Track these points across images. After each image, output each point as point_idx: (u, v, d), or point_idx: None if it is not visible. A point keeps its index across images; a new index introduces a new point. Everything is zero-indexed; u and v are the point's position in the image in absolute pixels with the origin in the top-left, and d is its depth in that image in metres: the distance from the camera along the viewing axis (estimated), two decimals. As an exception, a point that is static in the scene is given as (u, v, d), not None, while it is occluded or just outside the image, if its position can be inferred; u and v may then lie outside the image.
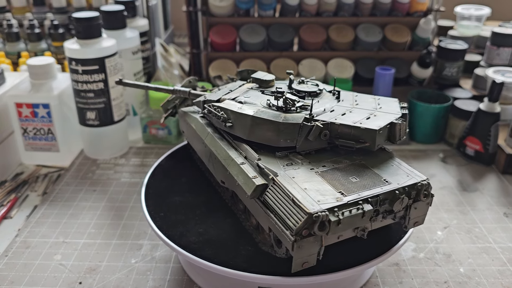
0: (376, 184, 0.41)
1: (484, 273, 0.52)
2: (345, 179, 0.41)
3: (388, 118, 0.44)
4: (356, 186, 0.40)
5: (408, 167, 0.44)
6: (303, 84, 0.51)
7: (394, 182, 0.41)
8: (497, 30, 0.86)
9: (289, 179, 0.40)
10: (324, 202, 0.37)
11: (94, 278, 0.50)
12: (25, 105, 0.69)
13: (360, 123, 0.43)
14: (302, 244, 0.37)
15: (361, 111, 0.46)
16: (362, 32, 0.88)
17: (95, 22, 0.68)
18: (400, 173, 0.42)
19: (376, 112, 0.46)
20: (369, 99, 0.50)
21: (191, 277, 0.51)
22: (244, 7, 0.86)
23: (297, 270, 0.39)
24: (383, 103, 0.48)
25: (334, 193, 0.39)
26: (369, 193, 0.39)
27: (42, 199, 0.65)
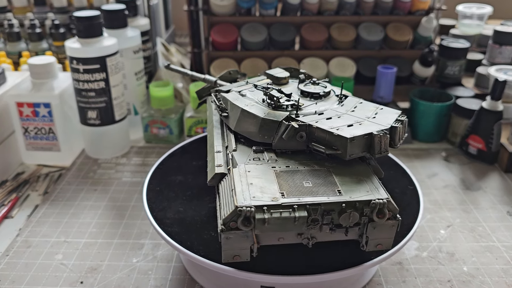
0: (326, 193, 0.38)
1: (488, 272, 0.51)
2: (298, 182, 0.40)
3: (370, 129, 0.41)
4: (303, 191, 0.38)
5: (378, 184, 0.40)
6: (311, 85, 0.50)
7: (346, 195, 0.38)
8: (499, 28, 0.86)
9: (243, 172, 0.41)
10: (258, 199, 0.37)
11: (95, 277, 0.50)
12: (26, 104, 0.69)
13: (336, 129, 0.41)
14: (230, 235, 0.37)
15: (350, 118, 0.44)
16: (364, 31, 0.88)
17: (96, 21, 0.67)
18: (361, 188, 0.39)
19: (365, 121, 0.43)
20: (370, 107, 0.46)
21: (193, 276, 0.50)
22: (246, 6, 0.86)
23: (227, 261, 0.39)
24: (381, 113, 0.44)
25: (275, 193, 0.38)
26: (311, 200, 0.37)
27: (43, 199, 0.64)
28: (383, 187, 0.40)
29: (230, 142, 0.46)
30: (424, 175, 0.70)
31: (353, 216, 0.37)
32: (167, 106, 0.78)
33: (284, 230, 0.37)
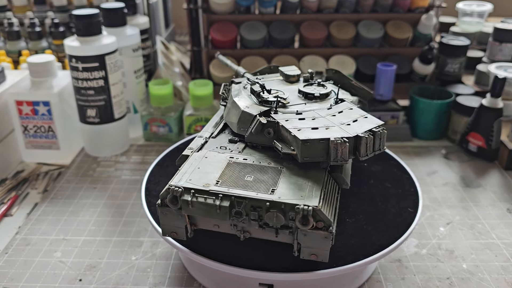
0: (259, 189, 0.38)
1: (487, 269, 0.51)
2: (241, 175, 0.40)
3: (330, 134, 0.40)
4: (239, 184, 0.39)
5: (319, 193, 0.38)
6: (310, 86, 0.49)
7: (276, 195, 0.37)
8: (499, 26, 0.85)
9: (200, 157, 0.43)
10: (192, 183, 0.38)
11: (94, 275, 0.50)
12: (25, 102, 0.69)
13: (297, 130, 0.40)
14: (165, 211, 0.39)
15: (324, 121, 0.42)
16: (364, 29, 0.88)
17: (95, 19, 0.67)
18: (298, 192, 0.38)
19: (335, 127, 0.41)
20: (355, 114, 0.44)
21: (191, 273, 0.50)
22: (245, 4, 0.86)
23: (165, 235, 0.41)
24: (360, 121, 0.42)
25: (211, 180, 0.39)
26: (238, 193, 0.37)
27: (42, 197, 0.64)
28: (324, 197, 0.38)
29: (216, 130, 0.48)
30: (424, 172, 0.70)
31: (278, 218, 0.37)
32: (167, 104, 0.78)
33: (208, 216, 0.38)
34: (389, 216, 0.48)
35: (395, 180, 0.56)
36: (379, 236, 0.46)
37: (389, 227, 0.47)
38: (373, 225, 0.47)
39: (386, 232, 0.46)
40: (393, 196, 0.52)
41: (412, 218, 0.48)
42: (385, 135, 0.41)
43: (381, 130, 0.41)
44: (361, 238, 0.45)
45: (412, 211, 0.49)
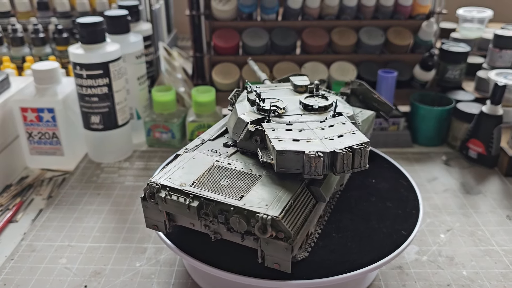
0: (229, 194, 0.39)
1: (487, 276, 0.52)
2: (218, 179, 0.42)
3: (308, 147, 0.39)
4: (212, 186, 0.40)
5: (285, 203, 0.38)
6: (312, 98, 0.48)
7: (243, 201, 0.38)
8: (499, 32, 0.86)
9: (188, 158, 0.45)
10: (170, 181, 0.41)
11: (99, 281, 0.51)
12: (30, 109, 0.70)
13: (279, 140, 0.40)
14: (146, 205, 0.42)
15: (311, 134, 0.42)
16: (365, 35, 0.89)
17: (99, 27, 0.68)
18: (266, 201, 0.38)
19: (317, 140, 0.41)
20: (344, 129, 0.43)
21: (195, 280, 0.51)
22: (247, 11, 0.87)
23: (149, 227, 0.44)
24: (345, 137, 0.41)
25: (189, 181, 0.41)
26: (208, 195, 0.39)
27: (47, 203, 0.65)
28: (291, 209, 0.38)
29: (216, 134, 0.50)
30: (424, 179, 0.71)
31: (240, 223, 0.38)
32: (169, 111, 0.79)
33: (180, 214, 0.41)
34: (376, 237, 0.48)
35: (395, 186, 0.56)
36: (380, 243, 0.46)
37: (389, 234, 0.48)
38: (357, 243, 0.47)
39: (387, 239, 0.47)
40: (390, 216, 0.51)
41: (412, 225, 0.49)
42: (366, 153, 0.40)
43: (362, 148, 0.39)
44: (361, 245, 0.46)
45: (405, 234, 0.48)
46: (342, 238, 0.48)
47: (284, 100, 0.49)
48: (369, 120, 0.56)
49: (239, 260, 0.44)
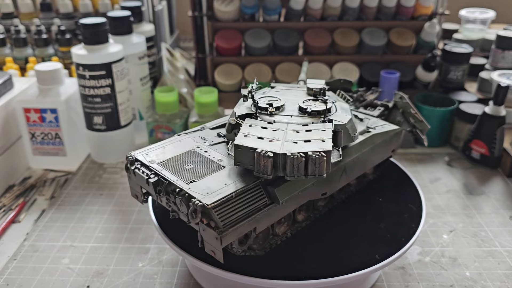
0: (183, 177, 0.41)
1: (490, 277, 0.52)
2: (186, 162, 0.43)
3: (262, 146, 0.39)
4: (175, 168, 0.43)
5: (223, 195, 0.39)
6: (312, 101, 0.47)
7: (189, 185, 0.40)
8: (502, 33, 0.86)
9: (176, 140, 0.48)
10: (144, 157, 0.45)
11: (101, 281, 0.51)
12: (33, 110, 0.70)
13: (244, 135, 0.41)
14: (128, 175, 0.45)
15: (282, 135, 0.41)
16: (367, 36, 0.89)
17: (102, 28, 0.68)
18: (209, 188, 0.39)
19: (281, 141, 0.40)
20: (317, 135, 0.41)
21: (197, 280, 0.51)
22: (249, 12, 0.87)
23: (132, 196, 0.47)
24: (313, 143, 0.40)
25: (160, 159, 0.44)
26: (165, 175, 0.41)
27: (50, 203, 0.65)
28: (230, 201, 0.39)
29: (218, 124, 0.52)
30: (427, 179, 0.71)
31: (182, 205, 0.39)
32: (172, 111, 0.79)
33: (144, 187, 0.44)
34: (378, 237, 0.47)
35: (397, 187, 0.56)
36: (382, 244, 0.46)
37: (392, 235, 0.48)
38: (360, 243, 0.47)
39: (389, 239, 0.47)
40: (393, 216, 0.51)
41: (415, 226, 0.49)
42: (323, 161, 0.38)
43: (318, 156, 0.37)
44: (364, 245, 0.46)
45: (408, 234, 0.47)
46: (345, 238, 0.48)
47: (290, 102, 0.48)
48: (388, 135, 0.53)
49: (241, 260, 0.44)
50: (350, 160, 0.47)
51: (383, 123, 0.54)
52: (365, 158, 0.50)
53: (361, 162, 0.50)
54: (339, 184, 0.48)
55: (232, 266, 0.43)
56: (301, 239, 0.47)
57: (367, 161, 0.51)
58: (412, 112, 0.56)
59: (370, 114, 0.57)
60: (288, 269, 0.43)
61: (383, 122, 0.55)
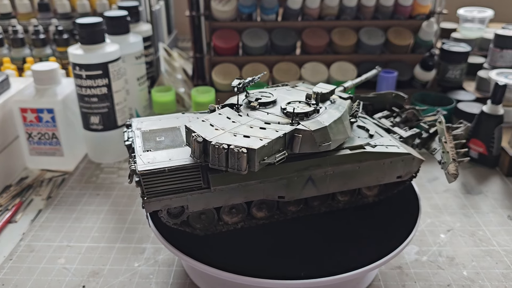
0: (145, 146, 0.44)
1: (488, 276, 0.51)
2: (161, 135, 0.46)
3: (202, 131, 0.40)
4: (148, 138, 0.46)
5: (161, 168, 0.41)
6: (295, 103, 0.46)
7: (143, 154, 0.43)
8: (500, 32, 0.86)
9: (177, 116, 0.51)
10: (137, 124, 0.49)
11: (97, 281, 0.51)
12: (29, 110, 0.70)
13: (202, 120, 0.42)
14: None
15: (236, 128, 0.41)
16: (365, 36, 0.89)
17: (98, 28, 0.68)
18: (155, 159, 0.42)
19: (227, 133, 0.41)
20: (263, 134, 0.41)
21: (193, 280, 0.51)
22: (247, 11, 0.87)
23: None
24: (251, 139, 0.40)
25: (146, 128, 0.48)
26: (136, 141, 0.45)
27: (46, 203, 0.65)
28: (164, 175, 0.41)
29: None
30: (425, 179, 0.71)
31: (131, 169, 0.42)
32: (169, 111, 0.79)
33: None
34: (375, 236, 0.47)
35: (398, 200, 0.53)
36: (379, 243, 0.46)
37: (392, 233, 0.47)
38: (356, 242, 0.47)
39: (386, 238, 0.47)
40: (390, 216, 0.50)
41: (412, 225, 0.49)
42: (242, 157, 0.38)
43: (238, 151, 0.37)
44: (361, 245, 0.46)
45: (405, 234, 0.47)
46: (341, 238, 0.47)
47: (286, 100, 0.46)
48: (387, 158, 0.47)
49: (237, 260, 0.44)
50: (319, 171, 0.44)
51: (393, 144, 0.48)
52: (348, 174, 0.46)
53: (342, 178, 0.46)
54: (304, 192, 0.45)
55: (229, 265, 0.43)
56: (298, 239, 0.47)
57: (352, 179, 0.46)
58: (442, 141, 0.50)
59: (398, 133, 0.52)
60: (284, 269, 0.43)
61: (395, 142, 0.48)
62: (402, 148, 0.48)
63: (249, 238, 0.47)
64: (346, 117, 0.46)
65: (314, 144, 0.42)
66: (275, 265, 0.44)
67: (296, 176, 0.43)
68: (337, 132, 0.44)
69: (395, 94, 0.58)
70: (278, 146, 0.40)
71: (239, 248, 0.46)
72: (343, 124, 0.45)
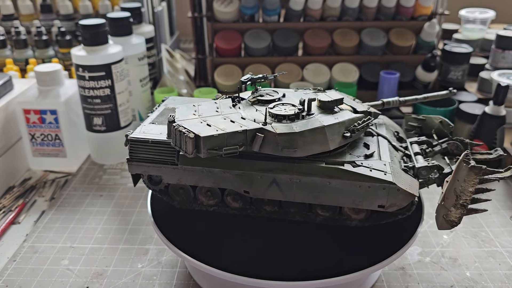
0: (157, 120, 0.49)
1: (490, 277, 0.51)
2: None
3: (180, 116, 0.43)
4: (166, 114, 0.50)
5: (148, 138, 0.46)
6: (282, 106, 0.45)
7: (148, 126, 0.48)
8: (502, 33, 0.86)
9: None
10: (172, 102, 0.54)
11: (101, 283, 0.51)
12: (32, 111, 0.70)
13: (187, 107, 0.46)
14: None
15: (214, 117, 0.44)
16: (367, 37, 0.89)
17: (101, 29, 0.68)
18: (154, 133, 0.46)
19: (198, 120, 0.43)
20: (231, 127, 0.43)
21: (197, 281, 0.51)
22: (249, 12, 0.87)
23: None
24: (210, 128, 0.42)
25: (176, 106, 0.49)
26: (154, 112, 0.51)
27: (49, 204, 0.65)
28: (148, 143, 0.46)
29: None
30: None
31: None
32: (172, 112, 0.79)
33: None
34: (378, 237, 0.47)
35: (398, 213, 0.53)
36: (382, 244, 0.46)
37: (375, 248, 0.47)
38: (360, 244, 0.46)
39: (389, 239, 0.47)
40: (393, 217, 0.48)
41: (415, 226, 0.49)
42: (188, 141, 0.40)
43: (187, 135, 0.40)
44: (364, 246, 0.46)
45: (408, 235, 0.47)
46: (345, 239, 0.47)
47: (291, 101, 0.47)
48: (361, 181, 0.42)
49: (240, 261, 0.44)
50: (284, 176, 0.43)
51: (383, 169, 0.43)
52: (318, 188, 0.44)
53: (310, 190, 0.44)
54: (269, 194, 0.45)
55: (232, 267, 0.43)
56: (302, 240, 0.47)
57: (323, 194, 0.44)
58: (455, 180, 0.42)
59: (414, 161, 0.46)
60: (287, 270, 0.43)
61: (388, 168, 0.43)
62: (389, 176, 0.42)
63: (253, 239, 0.47)
64: (336, 130, 0.43)
65: (276, 147, 0.42)
66: (278, 266, 0.44)
67: (260, 175, 0.44)
68: (311, 141, 0.42)
69: (441, 120, 0.53)
70: (236, 141, 0.41)
71: (242, 249, 0.46)
72: (326, 135, 0.42)
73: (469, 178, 0.41)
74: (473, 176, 0.41)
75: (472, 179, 0.41)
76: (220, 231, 0.48)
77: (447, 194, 0.41)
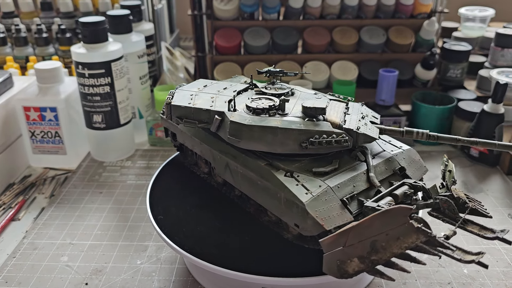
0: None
1: (488, 274, 0.52)
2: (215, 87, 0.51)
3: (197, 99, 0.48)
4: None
5: None
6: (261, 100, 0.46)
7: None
8: (501, 31, 0.86)
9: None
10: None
11: (100, 279, 0.51)
12: (32, 108, 0.70)
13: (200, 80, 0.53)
14: None
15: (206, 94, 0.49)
16: (366, 34, 0.89)
17: (101, 27, 0.69)
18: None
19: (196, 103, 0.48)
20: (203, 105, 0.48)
21: (195, 278, 0.51)
22: (249, 10, 0.87)
23: None
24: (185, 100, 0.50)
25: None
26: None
27: (49, 201, 0.65)
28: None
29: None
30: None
31: None
32: (171, 110, 0.79)
33: None
34: None
35: None
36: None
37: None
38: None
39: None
40: None
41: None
42: (166, 107, 0.48)
43: (167, 101, 0.48)
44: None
45: None
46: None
47: (299, 99, 0.48)
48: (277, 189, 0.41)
49: (239, 257, 0.44)
50: (233, 163, 0.46)
51: (320, 185, 0.40)
52: (253, 185, 0.44)
53: (249, 184, 0.45)
54: (226, 176, 0.49)
55: (230, 263, 0.43)
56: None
57: (256, 192, 0.45)
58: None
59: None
60: (286, 266, 0.43)
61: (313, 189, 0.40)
62: (306, 196, 0.39)
63: (251, 235, 0.48)
64: (293, 136, 0.42)
65: (225, 132, 0.45)
66: (276, 263, 0.44)
67: (219, 155, 0.48)
68: (258, 137, 0.42)
69: (446, 159, 0.48)
70: (202, 117, 0.46)
71: (241, 245, 0.46)
72: (277, 136, 0.42)
73: (406, 239, 0.33)
74: (412, 240, 0.33)
75: (409, 242, 0.33)
76: (218, 228, 0.49)
77: (359, 241, 0.33)
